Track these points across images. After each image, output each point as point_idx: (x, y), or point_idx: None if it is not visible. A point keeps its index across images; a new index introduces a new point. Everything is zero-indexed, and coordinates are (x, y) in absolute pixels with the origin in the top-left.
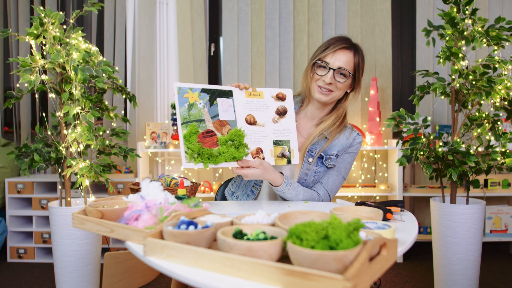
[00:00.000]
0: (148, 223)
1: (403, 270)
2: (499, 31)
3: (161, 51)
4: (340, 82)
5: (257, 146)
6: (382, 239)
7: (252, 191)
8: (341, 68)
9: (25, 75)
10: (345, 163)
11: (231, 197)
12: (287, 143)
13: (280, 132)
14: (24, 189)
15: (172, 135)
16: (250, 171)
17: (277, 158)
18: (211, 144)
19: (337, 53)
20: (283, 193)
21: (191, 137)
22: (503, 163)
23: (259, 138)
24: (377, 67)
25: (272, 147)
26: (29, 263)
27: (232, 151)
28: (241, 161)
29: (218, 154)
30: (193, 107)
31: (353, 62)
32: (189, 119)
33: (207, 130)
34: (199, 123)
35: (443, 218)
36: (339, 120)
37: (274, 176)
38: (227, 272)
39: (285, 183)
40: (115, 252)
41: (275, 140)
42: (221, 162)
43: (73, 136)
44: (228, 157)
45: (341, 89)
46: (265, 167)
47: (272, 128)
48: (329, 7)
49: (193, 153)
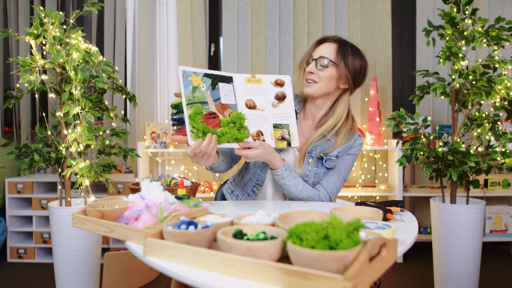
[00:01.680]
0: (148, 223)
1: (403, 270)
2: (499, 31)
3: (161, 51)
4: (320, 71)
5: (257, 129)
6: (382, 239)
7: (253, 190)
8: (321, 57)
9: (25, 75)
10: (346, 164)
11: (231, 195)
12: (286, 127)
13: (280, 116)
14: (24, 189)
15: (172, 135)
16: (252, 152)
17: (277, 140)
18: (214, 125)
19: (320, 46)
20: (282, 177)
21: (196, 117)
22: (503, 163)
23: (259, 121)
24: (377, 67)
25: (272, 130)
26: (29, 263)
27: (234, 132)
28: (243, 142)
29: (222, 134)
30: (196, 89)
31: (335, 52)
32: (193, 101)
33: (210, 112)
34: (203, 105)
35: (443, 218)
36: (341, 121)
37: (274, 157)
38: (227, 272)
39: (285, 166)
40: (115, 252)
41: (275, 124)
42: (224, 143)
43: (73, 136)
44: (231, 138)
45: (324, 79)
46: (266, 148)
47: (272, 112)
48: (329, 7)
49: (198, 132)
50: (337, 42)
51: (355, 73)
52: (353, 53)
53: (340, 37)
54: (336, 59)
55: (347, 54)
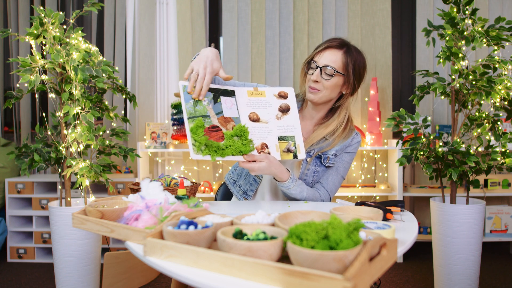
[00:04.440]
0: (148, 223)
1: (403, 270)
2: (499, 31)
3: (161, 51)
4: (326, 80)
5: (262, 142)
6: (382, 239)
7: (255, 179)
8: (326, 66)
9: (25, 75)
10: (344, 163)
11: (233, 185)
12: (292, 139)
13: (285, 128)
14: (24, 189)
15: (172, 135)
16: (256, 165)
17: (283, 153)
18: (217, 138)
19: (324, 52)
20: (288, 188)
21: (197, 130)
22: (503, 163)
23: (264, 134)
24: (377, 67)
25: (277, 142)
26: (29, 263)
27: (238, 145)
28: (247, 155)
29: (225, 147)
30: (198, 103)
31: (341, 61)
32: (195, 114)
33: (213, 125)
34: (205, 118)
35: (443, 218)
36: (342, 126)
37: (280, 170)
38: (227, 272)
39: (291, 178)
40: (115, 252)
41: (280, 136)
42: (228, 155)
43: (73, 136)
44: (235, 151)
45: (328, 88)
46: (271, 160)
47: (276, 125)
48: (329, 7)
49: (200, 145)
50: (341, 49)
51: (360, 80)
52: (358, 60)
53: (344, 40)
54: (342, 69)
55: (353, 62)
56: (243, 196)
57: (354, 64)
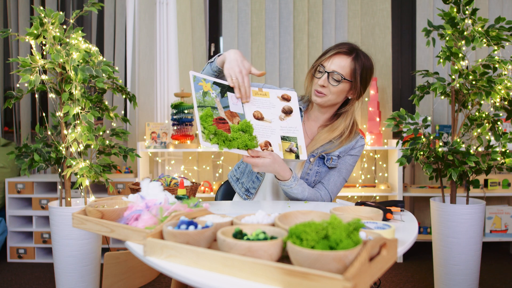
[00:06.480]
0: (148, 223)
1: (403, 270)
2: (499, 31)
3: (161, 51)
4: (333, 86)
5: (265, 140)
6: (382, 239)
7: (258, 177)
8: (334, 72)
9: (25, 75)
10: (347, 165)
11: (236, 183)
12: (294, 140)
13: (287, 129)
14: (24, 189)
15: (172, 135)
16: (260, 161)
17: (285, 152)
18: (224, 130)
19: (334, 57)
20: (290, 188)
21: (207, 119)
22: (503, 163)
23: (267, 132)
24: (377, 67)
25: (280, 141)
26: (29, 263)
27: (245, 139)
28: (252, 150)
29: (232, 139)
30: (207, 95)
31: (349, 67)
32: (204, 104)
33: (220, 117)
34: (213, 109)
35: (443, 218)
36: (348, 129)
37: (282, 168)
38: (227, 272)
39: (293, 177)
40: (115, 252)
41: (283, 136)
42: (234, 147)
43: (73, 136)
44: (241, 144)
45: (334, 93)
46: (275, 158)
47: (279, 125)
48: (329, 7)
49: (210, 133)
50: (350, 55)
51: (366, 85)
52: (365, 66)
53: (353, 46)
54: (350, 76)
55: (361, 69)
56: (245, 193)
57: (361, 71)
